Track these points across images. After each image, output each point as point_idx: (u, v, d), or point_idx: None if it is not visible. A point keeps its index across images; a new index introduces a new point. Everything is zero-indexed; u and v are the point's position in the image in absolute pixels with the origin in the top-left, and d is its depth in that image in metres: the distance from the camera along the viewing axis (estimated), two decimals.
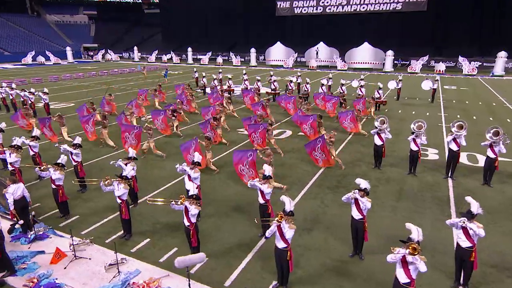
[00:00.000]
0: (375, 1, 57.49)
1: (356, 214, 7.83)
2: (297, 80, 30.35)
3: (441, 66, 45.94)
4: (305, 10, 63.16)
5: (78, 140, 11.10)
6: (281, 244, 6.78)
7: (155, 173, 12.87)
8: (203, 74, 30.38)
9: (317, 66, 52.98)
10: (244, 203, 10.65)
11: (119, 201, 8.39)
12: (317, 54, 55.12)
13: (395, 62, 52.02)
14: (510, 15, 49.10)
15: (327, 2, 61.04)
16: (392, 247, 5.79)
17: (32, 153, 11.98)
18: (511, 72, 44.44)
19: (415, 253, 5.49)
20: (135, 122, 17.23)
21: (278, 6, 64.55)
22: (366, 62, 52.01)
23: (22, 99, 22.41)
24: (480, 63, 46.35)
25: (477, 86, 35.14)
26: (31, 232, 8.77)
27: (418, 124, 12.33)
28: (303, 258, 8.00)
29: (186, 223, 7.47)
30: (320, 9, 62.06)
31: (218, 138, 15.81)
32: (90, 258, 7.93)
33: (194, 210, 7.27)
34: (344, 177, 12.67)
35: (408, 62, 52.04)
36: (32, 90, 21.99)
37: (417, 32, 55.14)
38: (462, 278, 6.95)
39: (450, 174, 12.24)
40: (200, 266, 7.66)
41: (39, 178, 12.14)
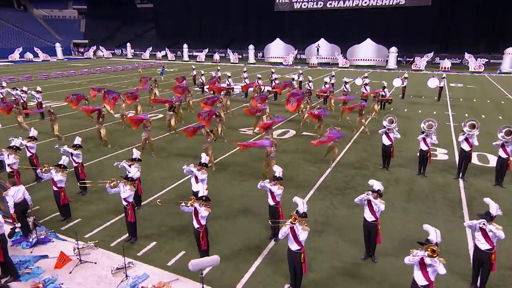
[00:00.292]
0: None
1: (369, 216, 7.97)
2: (298, 78, 30.51)
3: (446, 63, 46.26)
4: (305, 5, 63.35)
5: (78, 140, 11.17)
6: (294, 246, 6.90)
7: (157, 174, 12.96)
8: (202, 72, 30.47)
9: (318, 63, 53.17)
10: (250, 205, 10.78)
11: (125, 203, 8.49)
12: (317, 51, 55.36)
13: (400, 59, 52.35)
14: None
15: None
16: (410, 249, 5.93)
17: (29, 154, 12.01)
18: None
19: (434, 255, 5.63)
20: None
21: (277, 1, 64.75)
22: (368, 59, 52.26)
23: (13, 98, 22.40)
24: (487, 60, 46.78)
25: (484, 83, 35.47)
26: (33, 236, 8.85)
27: (429, 123, 12.51)
28: (315, 261, 8.14)
29: (196, 226, 7.59)
30: (320, 4, 62.30)
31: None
32: (95, 262, 8.02)
33: (204, 212, 7.38)
34: (352, 178, 12.83)
35: (412, 59, 52.41)
36: (24, 89, 22.02)
37: (421, 27, 55.51)
38: (479, 280, 7.11)
39: (461, 175, 12.43)
40: (209, 269, 7.77)
41: (37, 180, 12.21)
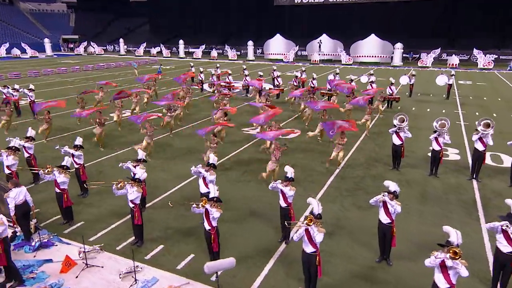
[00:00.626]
0: None
1: (384, 218, 8.12)
2: (301, 75, 30.65)
3: (454, 60, 46.55)
4: None
5: (79, 141, 11.27)
6: (309, 248, 7.04)
7: (160, 176, 13.07)
8: (201, 70, 30.59)
9: (320, 60, 53.37)
10: (258, 207, 10.93)
11: (132, 205, 8.60)
12: (319, 47, 55.58)
13: (407, 55, 52.59)
14: None
15: None
16: (432, 251, 6.08)
17: (27, 155, 12.09)
18: None
19: (457, 257, 5.77)
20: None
21: None
22: (373, 56, 52.52)
23: (4, 96, 22.39)
24: (496, 56, 47.01)
25: (494, 81, 35.78)
26: (36, 239, 8.94)
27: (441, 122, 12.69)
28: (329, 264, 8.28)
29: (207, 227, 7.72)
30: None
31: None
32: (102, 266, 8.13)
33: (216, 213, 7.52)
34: (361, 179, 12.99)
35: (418, 56, 52.72)
36: (16, 87, 22.04)
37: (427, 22, 55.85)
38: (500, 283, 7.27)
39: (474, 176, 12.61)
40: (220, 273, 7.88)
41: (34, 182, 12.29)
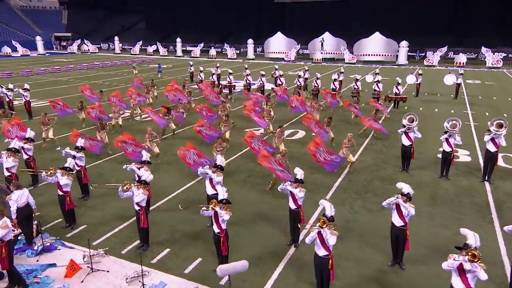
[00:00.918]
0: None
1: (397, 221, 8.24)
2: (304, 74, 30.78)
3: (461, 58, 46.81)
4: None
5: (80, 142, 11.38)
6: (322, 251, 7.16)
7: (163, 178, 13.18)
8: (201, 69, 30.75)
9: (322, 59, 53.58)
10: (265, 210, 11.06)
11: (137, 208, 8.70)
12: (322, 45, 55.83)
13: (413, 54, 52.78)
14: None
15: None
16: (449, 254, 6.20)
17: (26, 156, 12.21)
18: None
19: (475, 260, 5.89)
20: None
21: None
22: (377, 54, 52.78)
23: None
24: (505, 54, 47.33)
25: (503, 80, 36.02)
26: (38, 243, 9.04)
27: (452, 122, 12.83)
28: (340, 268, 8.38)
29: (216, 230, 7.82)
30: None
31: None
32: (108, 271, 8.23)
33: (226, 215, 7.63)
34: (369, 181, 13.12)
35: (424, 54, 52.96)
36: (10, 86, 22.16)
37: (433, 20, 56.20)
38: None
39: (486, 178, 12.76)
40: (232, 276, 8.01)
41: (33, 184, 12.39)
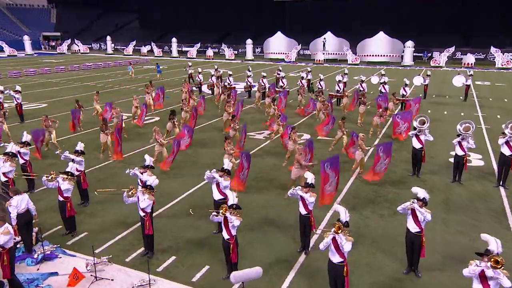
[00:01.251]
0: None
1: (413, 227, 8.35)
2: (307, 76, 31.01)
3: (469, 59, 47.13)
4: None
5: (80, 146, 11.44)
6: (336, 258, 7.26)
7: (165, 184, 13.23)
8: (199, 70, 30.94)
9: (324, 59, 53.89)
10: (273, 215, 11.18)
11: (143, 213, 8.79)
12: (324, 45, 56.19)
13: (420, 55, 53.08)
14: None
15: None
16: (470, 260, 6.31)
17: (22, 161, 12.28)
18: None
19: (498, 266, 5.99)
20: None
21: None
22: (381, 55, 53.15)
23: None
24: None
25: None
26: (38, 251, 9.10)
27: (466, 125, 12.99)
28: (354, 275, 8.47)
29: (226, 236, 7.92)
30: None
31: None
32: (112, 279, 8.30)
33: (236, 221, 7.73)
34: (380, 186, 13.24)
35: (430, 54, 53.34)
36: (0, 88, 22.21)
37: (440, 19, 56.62)
38: None
39: (501, 183, 12.91)
40: (238, 285, 8.09)
41: (29, 190, 12.44)
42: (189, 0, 74.26)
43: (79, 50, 71.29)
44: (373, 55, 53.46)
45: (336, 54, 56.10)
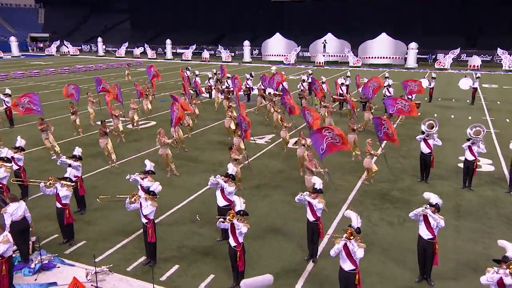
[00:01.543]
0: None
1: (425, 234, 8.44)
2: (308, 79, 31.15)
3: (475, 61, 47.50)
4: None
5: (77, 151, 11.49)
6: (347, 265, 7.34)
7: (165, 190, 13.23)
8: (196, 73, 31.06)
9: (324, 62, 54.12)
10: (279, 222, 11.26)
11: (145, 220, 8.85)
12: (324, 47, 56.47)
13: (425, 57, 53.40)
14: None
15: None
16: (489, 268, 6.41)
17: (16, 167, 12.28)
18: None
19: None
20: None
21: None
22: (384, 57, 53.42)
23: None
24: None
25: None
26: (35, 261, 9.11)
27: (476, 129, 13.15)
28: (365, 284, 8.53)
29: (233, 244, 7.98)
30: None
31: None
32: None
33: (244, 228, 7.80)
34: (387, 192, 13.38)
35: (434, 56, 53.74)
36: None
37: (445, 20, 57.00)
38: None
39: None
40: None
41: (23, 197, 12.43)
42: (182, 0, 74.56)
43: (69, 52, 71.24)
44: (375, 57, 53.71)
45: (337, 56, 56.40)
